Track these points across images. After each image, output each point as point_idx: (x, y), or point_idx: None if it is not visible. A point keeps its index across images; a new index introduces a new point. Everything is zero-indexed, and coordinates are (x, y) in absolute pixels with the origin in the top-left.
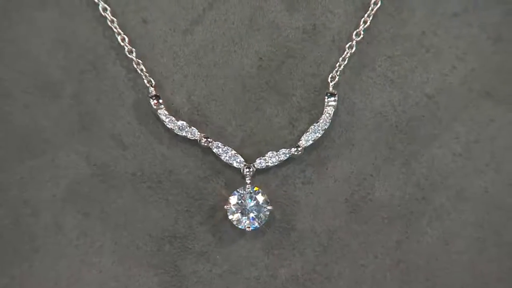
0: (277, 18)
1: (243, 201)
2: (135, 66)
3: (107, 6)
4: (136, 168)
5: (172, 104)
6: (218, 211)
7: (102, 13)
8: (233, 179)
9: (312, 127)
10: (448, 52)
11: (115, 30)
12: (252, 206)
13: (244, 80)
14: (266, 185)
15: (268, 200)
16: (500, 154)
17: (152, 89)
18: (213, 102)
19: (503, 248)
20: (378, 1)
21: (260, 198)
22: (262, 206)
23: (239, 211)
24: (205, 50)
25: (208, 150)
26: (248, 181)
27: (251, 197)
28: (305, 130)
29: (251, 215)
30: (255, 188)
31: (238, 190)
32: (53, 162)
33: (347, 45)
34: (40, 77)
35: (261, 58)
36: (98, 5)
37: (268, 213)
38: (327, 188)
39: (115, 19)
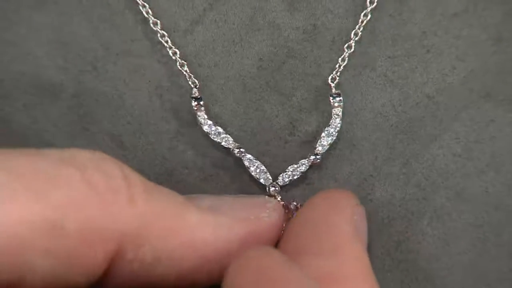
0: (278, 18)
1: None
2: (178, 67)
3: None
4: (136, 169)
5: (172, 106)
6: None
7: (145, 15)
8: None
9: (325, 131)
10: (448, 52)
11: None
12: None
13: (245, 81)
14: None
15: None
16: (501, 155)
17: (195, 90)
18: (212, 102)
19: (503, 249)
20: (374, 0)
21: None
22: None
23: None
24: (205, 50)
25: (239, 160)
26: (279, 198)
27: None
28: (305, 131)
29: None
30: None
31: None
32: None
33: (346, 45)
34: (40, 77)
35: (261, 59)
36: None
37: None
38: (327, 189)
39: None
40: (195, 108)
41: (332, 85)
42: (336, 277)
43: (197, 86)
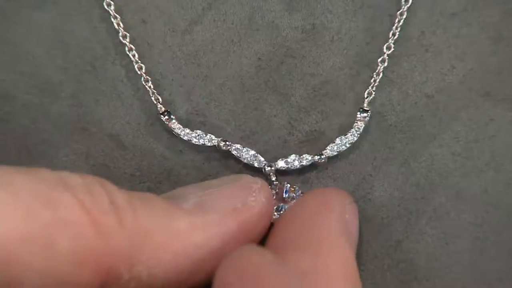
0: (276, 18)
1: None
2: (143, 83)
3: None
4: (135, 168)
5: (171, 104)
6: None
7: (114, 23)
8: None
9: (339, 139)
10: (448, 51)
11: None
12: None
13: (243, 80)
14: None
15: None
16: (500, 154)
17: (160, 106)
18: (212, 102)
19: (503, 248)
20: (404, 12)
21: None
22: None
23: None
24: (204, 50)
25: (227, 153)
26: (274, 178)
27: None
28: (304, 130)
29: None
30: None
31: (273, 187)
32: (52, 162)
33: (380, 59)
34: (39, 77)
35: (260, 58)
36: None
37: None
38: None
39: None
40: (167, 123)
41: (367, 100)
42: (319, 273)
43: (160, 101)
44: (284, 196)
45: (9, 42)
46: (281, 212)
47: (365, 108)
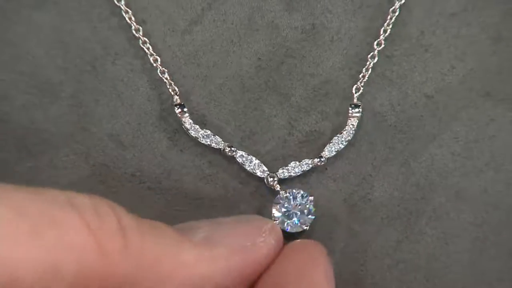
0: (276, 18)
1: (288, 206)
2: (159, 75)
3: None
4: (135, 168)
5: (171, 104)
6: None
7: (128, 21)
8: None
9: (336, 138)
10: (447, 52)
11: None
12: (297, 209)
13: (243, 80)
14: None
15: (305, 194)
16: (500, 154)
17: (176, 97)
18: (212, 102)
19: (503, 248)
20: (396, 10)
21: (299, 197)
22: (304, 204)
23: (285, 215)
24: (204, 50)
25: (232, 159)
26: (278, 188)
27: (294, 198)
28: (304, 130)
29: (295, 219)
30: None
31: (280, 197)
32: (52, 162)
33: (369, 55)
34: (39, 77)
35: (260, 58)
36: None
37: (313, 217)
38: (326, 188)
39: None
40: (179, 115)
41: (356, 95)
42: None
43: (178, 93)
44: (292, 203)
45: (9, 42)
46: (293, 219)
47: (357, 103)
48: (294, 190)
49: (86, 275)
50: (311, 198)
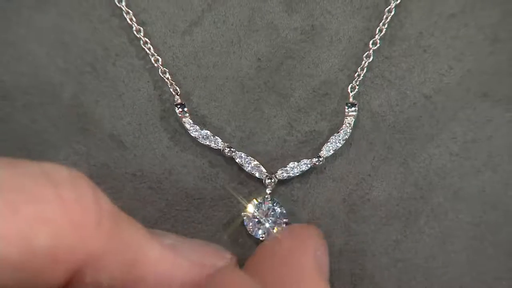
0: (276, 19)
1: (261, 211)
2: (160, 75)
3: (129, 10)
4: (136, 168)
5: (171, 105)
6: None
7: (129, 22)
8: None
9: (333, 137)
10: (446, 52)
11: (141, 39)
12: (269, 217)
13: (243, 81)
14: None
15: (285, 212)
16: (497, 154)
17: (177, 97)
18: (212, 103)
19: (500, 247)
20: (392, 9)
21: (278, 210)
22: (279, 218)
23: (256, 220)
24: (204, 51)
25: (231, 160)
26: (269, 192)
27: (269, 208)
28: (303, 131)
29: (267, 225)
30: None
31: (257, 199)
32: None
33: (364, 55)
34: (40, 78)
35: (259, 59)
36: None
37: (284, 225)
38: (325, 188)
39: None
40: (180, 115)
41: (351, 94)
42: None
43: (178, 94)
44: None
45: (10, 42)
46: (265, 225)
47: (353, 102)
48: (275, 204)
49: (59, 248)
50: (286, 220)
